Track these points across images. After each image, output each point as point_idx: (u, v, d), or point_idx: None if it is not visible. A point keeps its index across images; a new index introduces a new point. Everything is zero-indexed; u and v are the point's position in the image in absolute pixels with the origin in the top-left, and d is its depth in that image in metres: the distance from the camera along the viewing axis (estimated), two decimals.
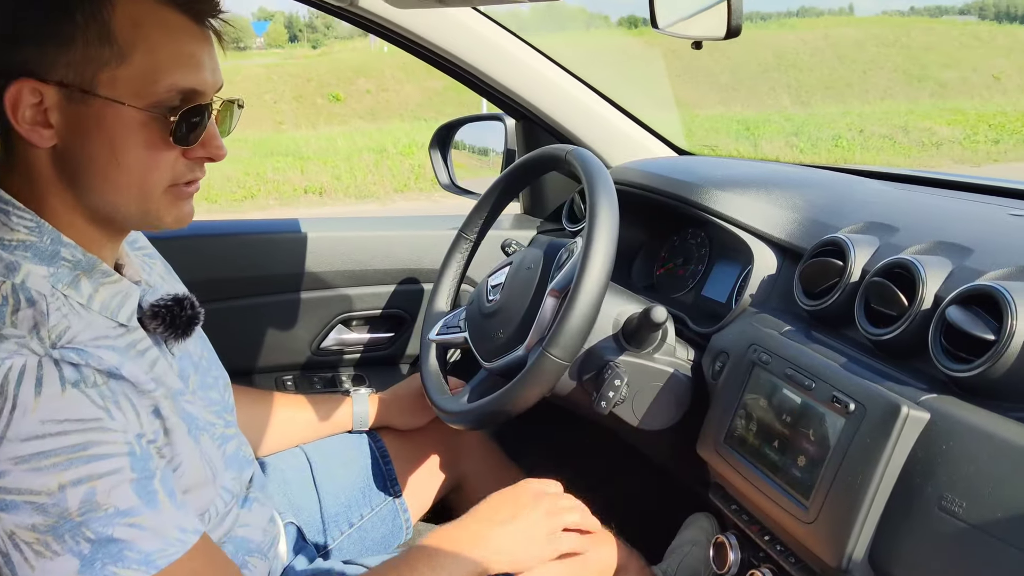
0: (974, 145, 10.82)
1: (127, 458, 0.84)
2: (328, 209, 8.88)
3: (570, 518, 1.21)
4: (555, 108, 1.71)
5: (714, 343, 1.28)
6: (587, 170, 1.22)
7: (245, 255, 1.68)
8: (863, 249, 1.12)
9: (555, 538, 1.19)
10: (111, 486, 0.82)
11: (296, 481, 1.41)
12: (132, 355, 0.92)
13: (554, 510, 1.20)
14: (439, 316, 1.47)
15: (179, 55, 0.89)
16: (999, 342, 0.87)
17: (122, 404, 0.86)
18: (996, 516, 0.81)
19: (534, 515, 1.18)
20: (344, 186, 9.63)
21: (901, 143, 11.01)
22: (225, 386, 1.16)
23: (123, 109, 0.87)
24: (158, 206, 0.93)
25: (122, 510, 0.82)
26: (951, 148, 10.78)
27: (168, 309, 0.99)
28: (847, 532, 0.92)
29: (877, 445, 0.91)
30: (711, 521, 1.71)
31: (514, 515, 1.17)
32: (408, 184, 9.82)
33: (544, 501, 1.20)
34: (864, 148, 10.75)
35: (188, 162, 0.93)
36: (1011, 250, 1.00)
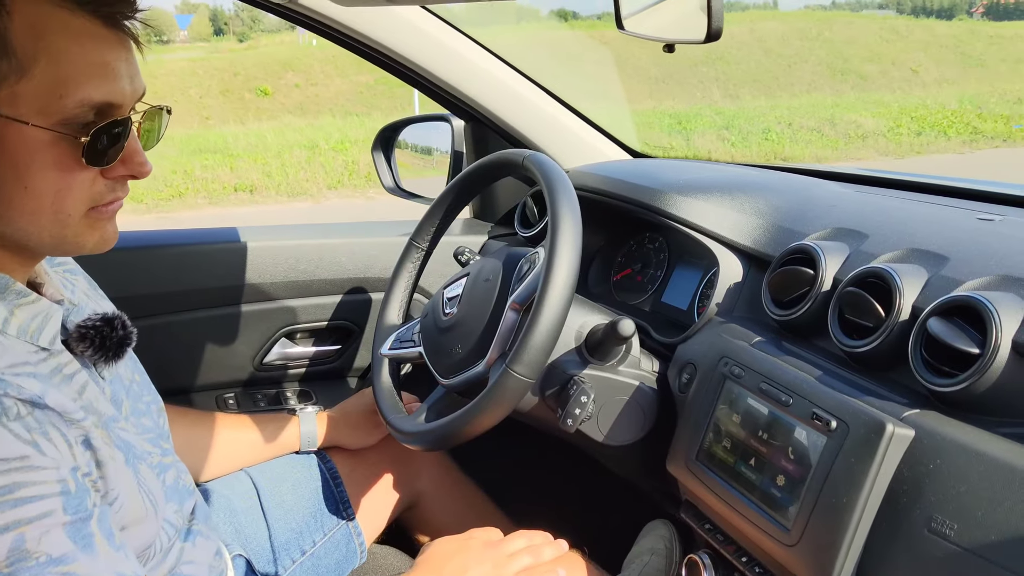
0: (898, 137, 11.09)
1: (59, 499, 0.76)
2: (260, 208, 8.68)
3: (520, 564, 1.15)
4: (506, 110, 1.65)
5: (680, 354, 1.24)
6: (547, 177, 1.17)
7: (179, 267, 1.58)
8: (833, 257, 1.09)
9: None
10: (42, 531, 0.74)
11: (243, 509, 1.33)
12: (57, 381, 0.84)
13: (501, 560, 1.14)
14: (391, 329, 1.40)
15: (89, 65, 0.79)
16: (984, 356, 0.85)
17: (51, 435, 0.78)
18: (990, 539, 0.78)
19: (482, 568, 1.12)
20: (276, 183, 9.41)
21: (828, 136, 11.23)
22: (159, 411, 1.08)
23: (26, 129, 0.77)
24: (76, 231, 0.84)
25: (55, 557, 0.74)
26: (876, 140, 11.03)
27: (97, 330, 0.91)
28: (832, 555, 0.89)
29: (862, 464, 0.88)
30: (669, 528, 1.68)
31: (462, 570, 1.11)
32: (342, 181, 9.65)
33: (490, 551, 1.14)
34: (793, 141, 10.94)
35: (108, 181, 0.84)
36: (987, 258, 0.97)
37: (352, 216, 8.08)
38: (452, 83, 1.61)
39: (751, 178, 1.44)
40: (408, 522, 1.55)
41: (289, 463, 1.42)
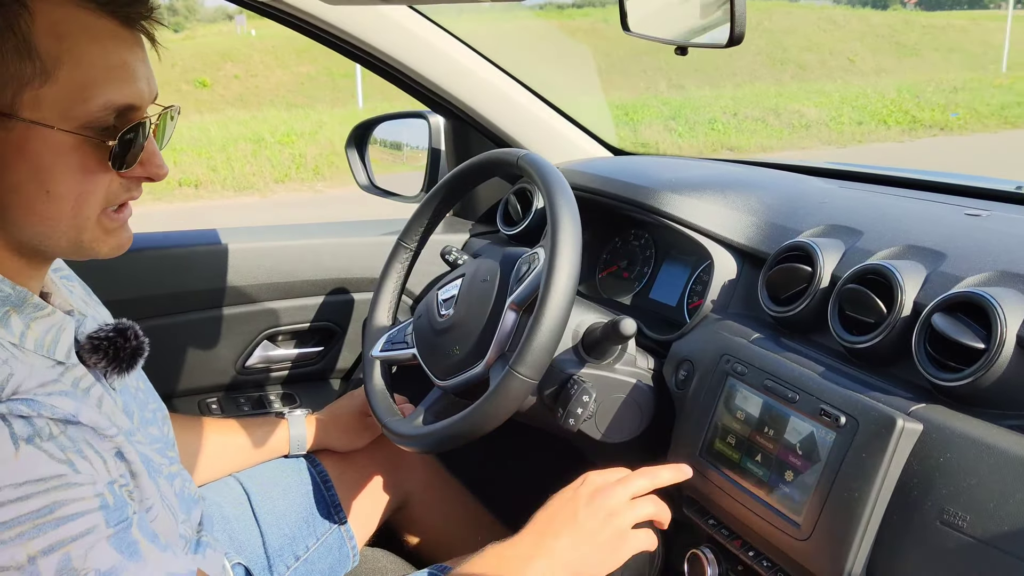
0: (840, 127, 11.32)
1: (100, 513, 0.74)
2: (206, 203, 8.52)
3: (641, 511, 1.05)
4: (488, 107, 1.65)
5: (675, 351, 1.26)
6: (544, 177, 1.17)
7: (160, 271, 1.55)
8: (830, 254, 1.11)
9: (623, 540, 1.03)
10: (87, 548, 0.72)
11: (235, 516, 1.31)
12: (79, 396, 0.82)
13: (617, 507, 1.04)
14: (381, 331, 1.39)
15: (111, 67, 0.78)
16: (990, 351, 0.87)
17: (86, 453, 0.77)
18: (1004, 530, 0.80)
19: (595, 519, 1.03)
20: (221, 178, 9.25)
21: (773, 125, 11.42)
22: (164, 419, 1.07)
23: (51, 133, 0.76)
24: (92, 236, 0.83)
25: (104, 571, 0.73)
26: (819, 130, 11.25)
27: (110, 341, 0.89)
28: (845, 549, 0.90)
29: (873, 459, 0.90)
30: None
31: (571, 521, 1.03)
32: (289, 174, 9.52)
33: (603, 499, 1.04)
34: (739, 131, 11.09)
35: (124, 182, 0.84)
36: (983, 254, 1.00)
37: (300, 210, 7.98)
38: (434, 80, 1.60)
39: (738, 175, 1.45)
40: (398, 524, 1.54)
41: (278, 467, 1.41)
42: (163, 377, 1.57)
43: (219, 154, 9.84)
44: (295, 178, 9.49)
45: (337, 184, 9.26)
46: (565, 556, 1.00)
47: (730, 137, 10.82)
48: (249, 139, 10.47)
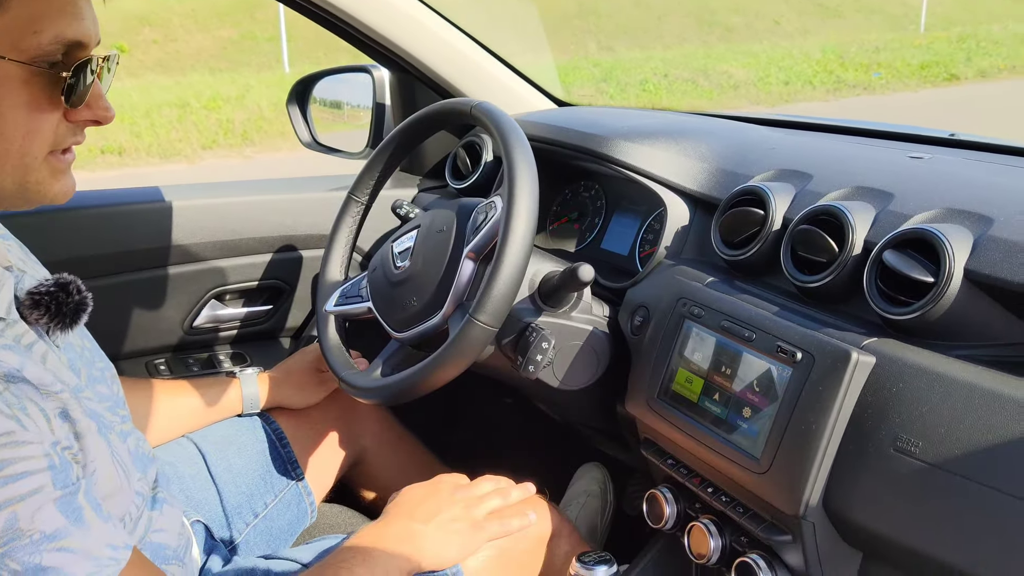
0: (767, 87, 11.46)
1: (48, 473, 0.73)
2: (131, 171, 8.25)
3: (489, 505, 1.18)
4: (434, 58, 1.62)
5: (630, 298, 1.27)
6: (499, 125, 1.16)
7: (100, 229, 1.50)
8: (781, 197, 1.13)
9: (479, 528, 1.15)
10: (34, 508, 0.71)
11: (191, 475, 1.29)
12: (22, 351, 0.80)
13: (472, 501, 1.17)
14: (334, 286, 1.37)
15: (61, 2, 0.78)
16: (938, 284, 0.90)
17: (30, 410, 0.75)
18: (954, 453, 0.84)
19: (454, 510, 1.14)
20: (146, 145, 8.95)
21: (703, 86, 11.50)
22: (112, 377, 1.04)
23: (2, 64, 0.75)
24: (39, 177, 0.82)
25: (48, 534, 0.72)
26: (747, 90, 11.36)
27: (52, 296, 0.87)
28: (803, 480, 0.93)
29: (828, 392, 0.93)
30: (602, 470, 1.73)
31: (434, 511, 1.14)
32: (216, 140, 9.26)
33: (460, 494, 1.17)
34: (670, 92, 11.15)
35: (70, 126, 0.83)
36: (929, 193, 1.03)
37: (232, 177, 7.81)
38: (380, 31, 1.57)
39: (688, 124, 1.47)
40: (354, 479, 1.54)
41: (233, 426, 1.39)
42: (108, 339, 1.52)
43: (143, 120, 9.52)
44: (223, 144, 9.24)
45: (267, 149, 9.06)
46: (430, 541, 1.10)
47: (661, 98, 10.87)
48: (173, 105, 10.15)
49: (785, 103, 10.85)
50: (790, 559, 1.00)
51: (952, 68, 12.12)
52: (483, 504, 1.17)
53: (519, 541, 1.21)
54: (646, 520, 1.19)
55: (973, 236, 0.93)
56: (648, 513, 1.19)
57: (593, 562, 1.04)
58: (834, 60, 12.51)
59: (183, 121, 9.60)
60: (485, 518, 1.15)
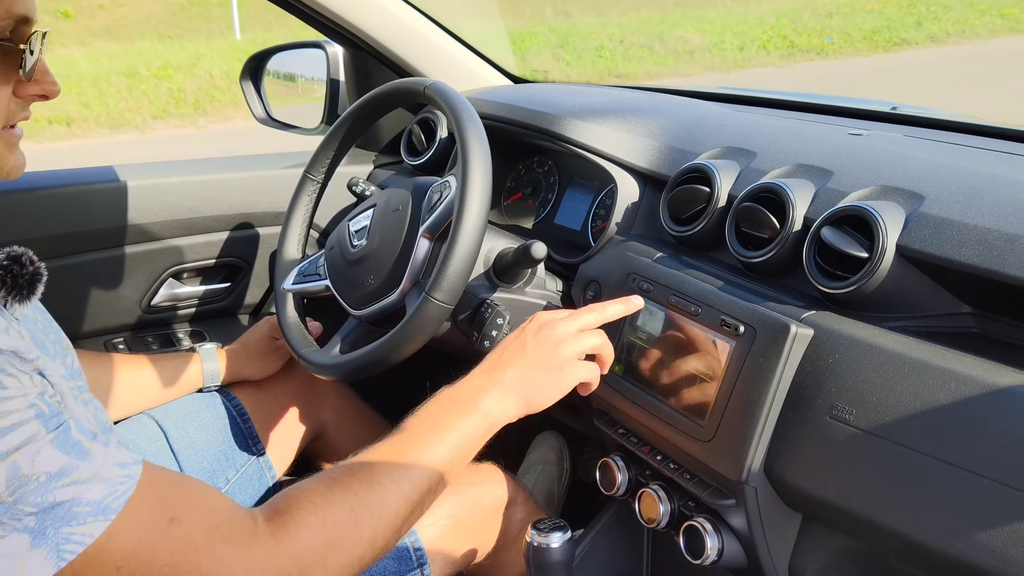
0: (722, 53, 11.51)
1: (36, 422, 0.74)
2: (80, 142, 8.09)
3: (586, 343, 1.08)
4: (386, 35, 1.63)
5: (583, 273, 1.31)
6: (452, 105, 1.18)
7: (54, 210, 1.50)
8: (727, 174, 1.17)
9: (570, 368, 1.07)
10: (33, 454, 0.73)
11: (153, 452, 1.31)
12: None
13: (564, 338, 1.07)
14: (292, 264, 1.39)
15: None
16: (872, 259, 0.95)
17: (10, 371, 0.76)
18: (885, 420, 0.89)
19: (541, 349, 1.06)
20: (95, 115, 8.78)
21: (658, 52, 11.51)
22: (66, 349, 1.05)
23: None
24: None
25: (54, 473, 0.73)
26: (703, 56, 11.40)
27: (6, 269, 0.87)
28: (745, 447, 0.98)
29: (769, 364, 0.97)
30: (558, 438, 1.78)
31: (519, 353, 1.06)
32: (168, 110, 9.10)
33: (550, 330, 1.07)
34: (626, 58, 11.16)
35: (19, 101, 0.84)
36: (866, 171, 1.07)
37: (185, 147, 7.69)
38: (331, 7, 1.57)
39: (638, 101, 1.50)
40: (315, 453, 1.57)
41: (193, 402, 1.41)
42: (66, 319, 1.51)
43: (91, 89, 9.32)
44: (175, 113, 9.09)
45: (220, 119, 8.93)
46: (515, 384, 1.04)
47: (617, 64, 10.88)
48: (122, 73, 9.94)
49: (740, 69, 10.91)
50: (734, 522, 1.05)
51: (903, 33, 12.26)
52: (578, 341, 1.08)
53: (475, 510, 1.24)
54: (599, 487, 1.23)
55: (905, 212, 0.97)
56: (601, 481, 1.23)
57: (548, 529, 1.08)
58: (788, 25, 12.57)
59: (133, 90, 9.41)
60: (577, 357, 1.08)
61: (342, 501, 0.88)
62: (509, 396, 1.04)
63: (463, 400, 1.03)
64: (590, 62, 11.04)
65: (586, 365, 1.09)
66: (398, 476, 0.93)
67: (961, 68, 9.57)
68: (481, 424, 1.02)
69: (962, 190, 0.98)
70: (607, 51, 11.45)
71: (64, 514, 0.73)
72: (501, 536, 1.27)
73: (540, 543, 1.07)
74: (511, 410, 1.04)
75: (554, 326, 1.08)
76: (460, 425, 1.00)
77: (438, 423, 1.00)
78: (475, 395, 1.03)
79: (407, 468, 0.94)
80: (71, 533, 0.73)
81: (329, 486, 0.89)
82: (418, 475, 0.95)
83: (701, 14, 13.70)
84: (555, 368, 1.06)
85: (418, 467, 0.95)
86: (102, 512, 0.74)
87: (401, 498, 0.92)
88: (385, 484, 0.91)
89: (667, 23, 12.97)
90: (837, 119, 1.37)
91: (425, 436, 0.98)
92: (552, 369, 1.06)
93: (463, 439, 1.00)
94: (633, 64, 11.07)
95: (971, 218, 0.93)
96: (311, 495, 0.88)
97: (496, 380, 1.04)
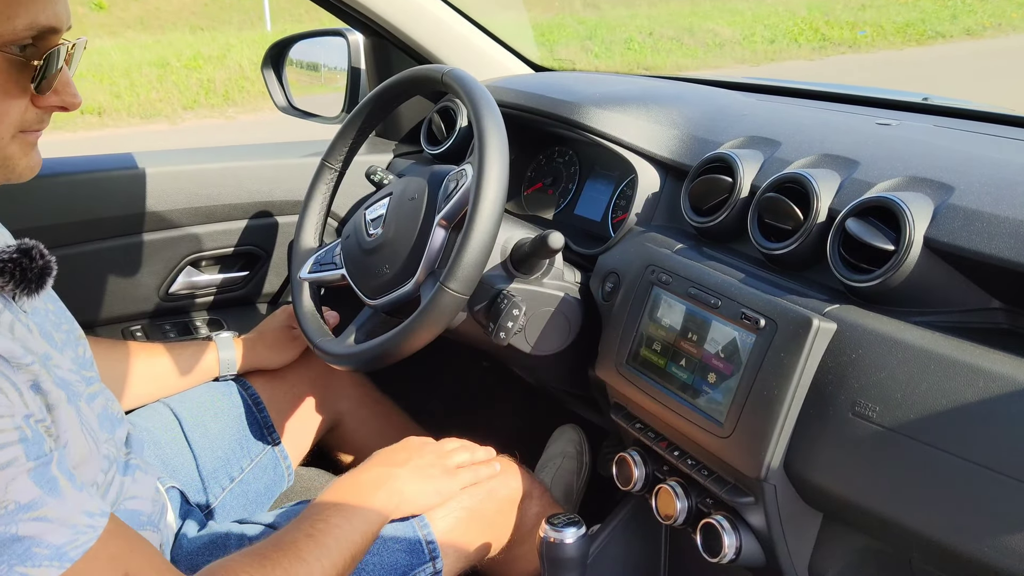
0: (753, 45, 11.39)
1: (20, 446, 0.74)
2: (112, 131, 8.16)
3: (459, 458, 1.24)
4: (408, 23, 1.61)
5: (602, 264, 1.28)
6: (470, 93, 1.17)
7: (74, 197, 1.50)
8: (750, 164, 1.14)
9: (453, 475, 1.21)
10: (8, 480, 0.72)
11: (167, 441, 1.31)
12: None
13: (442, 453, 1.24)
14: (309, 253, 1.38)
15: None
16: (899, 252, 0.92)
17: (1, 385, 0.75)
18: (909, 417, 0.86)
19: (427, 457, 1.21)
20: (126, 105, 8.85)
21: (688, 45, 11.41)
22: (79, 339, 1.05)
23: None
24: (7, 154, 0.83)
25: (23, 504, 0.73)
26: (733, 49, 11.29)
27: (15, 262, 0.87)
28: (764, 444, 0.95)
29: (790, 358, 0.94)
30: (578, 432, 1.76)
31: (407, 459, 1.19)
32: (198, 100, 9.16)
33: (430, 446, 1.24)
34: (655, 51, 11.07)
35: (37, 111, 0.83)
36: (893, 161, 1.04)
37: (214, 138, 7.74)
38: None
39: (661, 89, 1.47)
40: (331, 443, 1.56)
41: (209, 391, 1.40)
42: (84, 305, 1.53)
43: (122, 80, 9.40)
44: (205, 104, 9.15)
45: (249, 109, 8.97)
46: (405, 486, 1.15)
47: (646, 57, 10.80)
48: (153, 64, 10.02)
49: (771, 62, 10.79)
50: (753, 520, 1.03)
51: (937, 26, 12.07)
52: (453, 456, 1.24)
53: (489, 502, 1.23)
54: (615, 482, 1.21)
55: (934, 204, 0.94)
56: (618, 476, 1.21)
57: (562, 524, 1.06)
58: (819, 18, 12.42)
59: (163, 81, 9.48)
60: (456, 467, 1.23)
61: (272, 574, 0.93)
62: (399, 497, 1.15)
63: (362, 490, 1.12)
64: (619, 55, 10.97)
65: (465, 472, 1.23)
66: (320, 555, 0.99)
67: (997, 62, 9.40)
68: (384, 513, 1.12)
69: (993, 181, 0.94)
70: (636, 43, 11.38)
71: (22, 552, 0.72)
72: (515, 530, 1.25)
73: (554, 538, 1.05)
74: (406, 506, 1.16)
75: (433, 444, 1.26)
76: (367, 509, 1.09)
77: (349, 510, 1.08)
78: (373, 488, 1.13)
79: (327, 548, 1.00)
80: (24, 573, 0.72)
81: (260, 561, 0.93)
82: (336, 554, 1.01)
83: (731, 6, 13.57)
84: (439, 476, 1.20)
85: (337, 546, 1.02)
86: (59, 558, 0.74)
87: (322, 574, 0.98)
88: (309, 561, 0.97)
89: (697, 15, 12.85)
90: (866, 109, 1.33)
91: (338, 520, 1.05)
92: (437, 477, 1.20)
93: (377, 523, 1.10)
94: (662, 57, 10.99)
95: (1003, 210, 0.89)
96: (245, 568, 0.91)
97: (391, 478, 1.16)
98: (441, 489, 1.19)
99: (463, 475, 1.22)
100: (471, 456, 1.26)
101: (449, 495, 1.20)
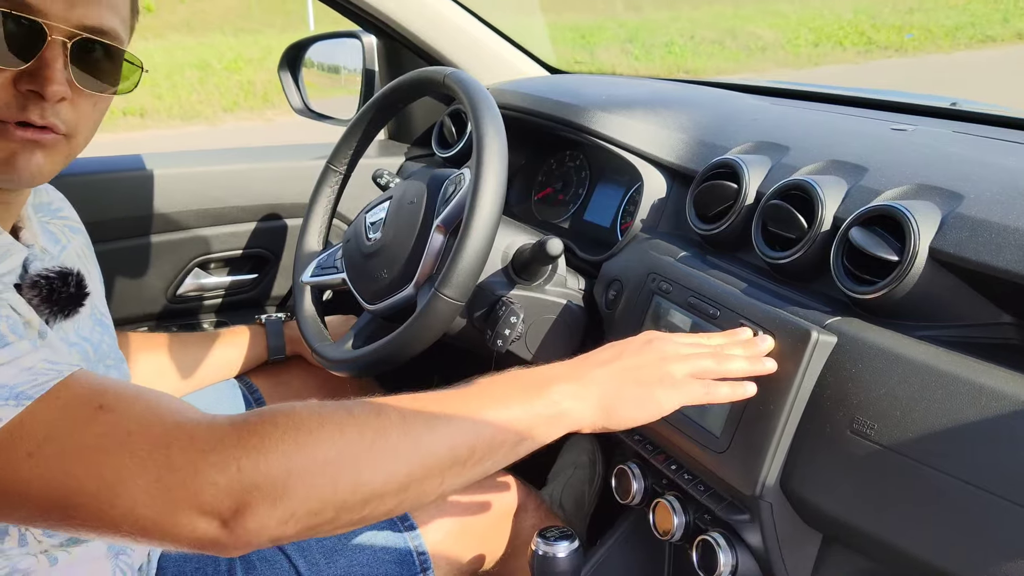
0: (796, 49, 11.24)
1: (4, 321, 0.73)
2: (153, 132, 8.30)
3: (699, 363, 0.90)
4: (420, 25, 1.60)
5: (606, 271, 1.26)
6: (470, 95, 1.14)
7: (82, 198, 1.50)
8: (756, 170, 1.11)
9: (673, 385, 0.89)
10: None
11: None
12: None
13: (674, 355, 0.91)
14: (311, 256, 1.37)
15: None
16: (903, 263, 0.88)
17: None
18: (908, 436, 0.82)
19: (644, 357, 0.90)
20: (167, 106, 9.00)
21: (730, 48, 11.30)
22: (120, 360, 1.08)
23: None
24: None
25: None
26: (775, 52, 11.15)
27: (48, 281, 0.88)
28: (760, 460, 0.92)
29: (787, 372, 0.91)
30: (592, 441, 1.73)
31: (617, 356, 0.91)
32: (238, 103, 9.29)
33: (661, 343, 0.92)
34: (696, 54, 10.97)
35: (17, 94, 0.81)
36: (903, 168, 1.00)
37: (253, 140, 7.82)
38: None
39: (671, 93, 1.44)
40: None
41: (212, 391, 1.41)
42: None
43: (164, 81, 9.56)
44: (244, 106, 9.26)
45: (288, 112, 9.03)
46: (599, 384, 0.87)
47: (687, 60, 10.71)
48: (195, 66, 10.17)
49: (814, 66, 10.64)
50: (750, 538, 0.99)
51: (988, 30, 11.81)
52: (688, 362, 0.91)
53: (482, 514, 1.20)
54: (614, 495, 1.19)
55: (941, 213, 0.90)
56: (616, 488, 1.18)
57: (555, 537, 1.03)
58: (866, 21, 12.22)
59: (204, 83, 9.62)
60: (685, 377, 0.90)
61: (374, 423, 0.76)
62: (587, 395, 0.86)
63: (532, 382, 0.86)
64: (659, 58, 10.90)
65: (697, 384, 0.90)
66: (449, 419, 0.80)
67: None
68: (545, 412, 0.84)
69: (1006, 190, 0.90)
70: (677, 46, 11.29)
71: None
72: (510, 543, 1.23)
73: (546, 552, 1.03)
74: (586, 413, 0.86)
75: (666, 339, 0.93)
76: (522, 404, 0.83)
77: (498, 394, 0.85)
78: (547, 381, 0.86)
79: (459, 419, 0.80)
80: None
81: (343, 415, 0.76)
82: (468, 430, 0.80)
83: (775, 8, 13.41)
84: (655, 383, 0.89)
85: (471, 421, 0.81)
86: (14, 396, 0.68)
87: (448, 443, 0.79)
88: (434, 424, 0.78)
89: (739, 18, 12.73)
90: (885, 114, 1.29)
91: (478, 400, 0.83)
92: (651, 383, 0.89)
93: (522, 420, 0.83)
94: (703, 60, 10.89)
95: (1013, 220, 0.85)
96: (318, 413, 0.75)
97: (579, 373, 0.88)
98: (647, 403, 0.88)
99: (691, 388, 0.89)
100: (716, 365, 0.91)
101: (662, 412, 0.89)
